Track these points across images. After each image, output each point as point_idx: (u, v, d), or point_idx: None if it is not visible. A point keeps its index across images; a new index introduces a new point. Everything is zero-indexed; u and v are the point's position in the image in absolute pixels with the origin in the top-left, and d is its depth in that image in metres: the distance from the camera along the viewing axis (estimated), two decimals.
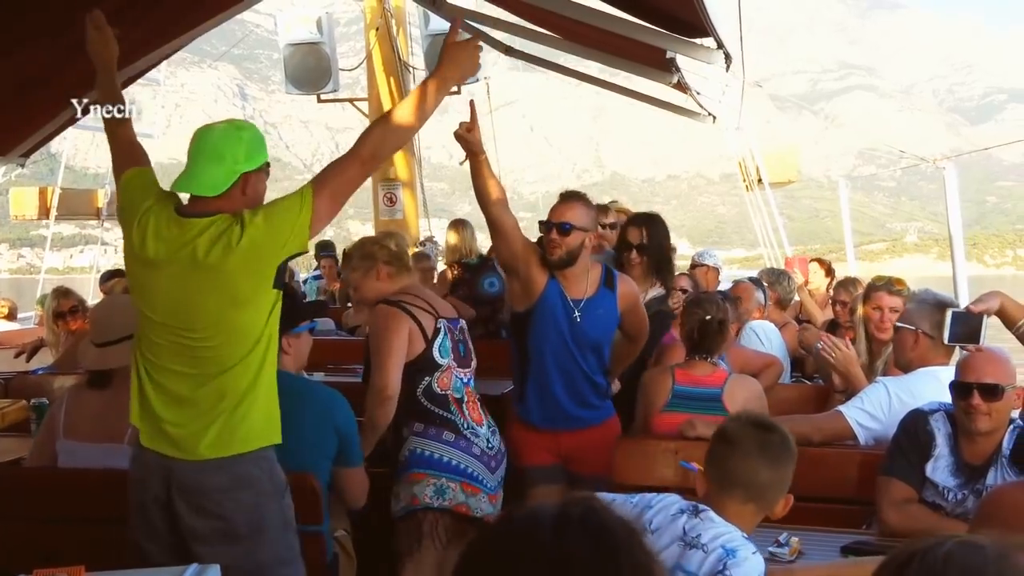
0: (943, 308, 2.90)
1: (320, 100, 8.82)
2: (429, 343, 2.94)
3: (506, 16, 6.04)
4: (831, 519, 2.71)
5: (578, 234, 3.10)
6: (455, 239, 5.84)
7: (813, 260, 6.90)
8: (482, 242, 5.74)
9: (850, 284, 4.91)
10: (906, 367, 3.02)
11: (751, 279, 4.81)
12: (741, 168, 9.48)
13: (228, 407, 2.14)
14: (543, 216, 3.17)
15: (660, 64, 5.22)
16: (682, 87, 6.15)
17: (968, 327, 2.83)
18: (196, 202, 2.19)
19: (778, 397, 3.69)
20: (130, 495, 2.24)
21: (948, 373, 2.69)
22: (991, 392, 2.46)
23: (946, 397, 2.60)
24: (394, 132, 2.33)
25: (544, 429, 3.18)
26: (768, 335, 4.35)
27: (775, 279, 5.11)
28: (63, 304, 4.99)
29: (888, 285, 3.61)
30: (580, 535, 0.91)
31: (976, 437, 2.52)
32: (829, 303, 5.64)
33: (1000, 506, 2.16)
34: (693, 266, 5.10)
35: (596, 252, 3.61)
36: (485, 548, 0.94)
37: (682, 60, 5.15)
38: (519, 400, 3.23)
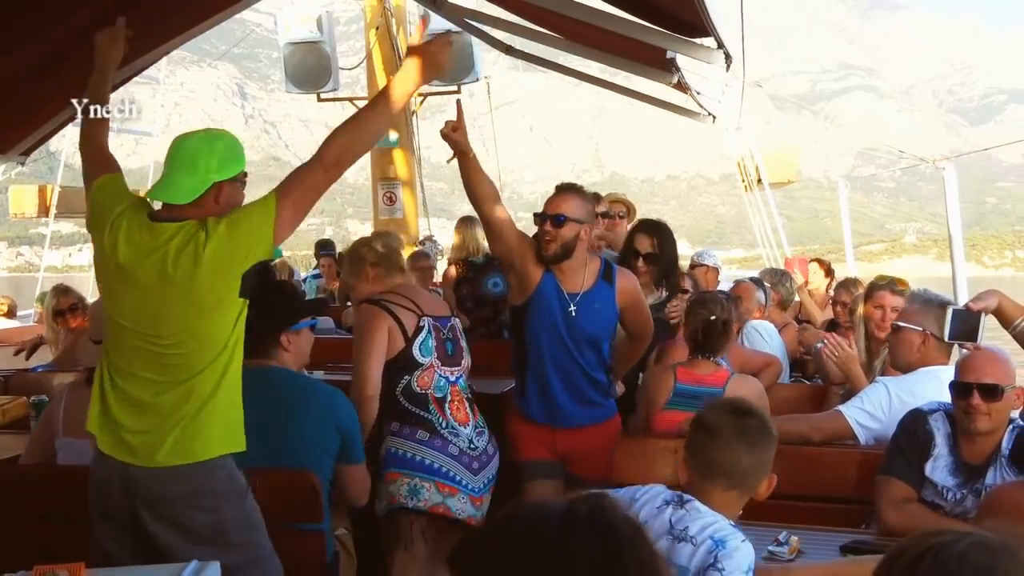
0: (945, 307, 2.92)
1: (320, 99, 8.81)
2: (409, 341, 2.93)
3: (506, 15, 6.01)
4: (830, 518, 2.71)
5: (573, 226, 3.03)
6: (461, 237, 5.73)
7: (813, 260, 6.92)
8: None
9: (851, 285, 4.91)
10: (907, 368, 3.01)
11: (752, 279, 4.81)
12: (740, 168, 9.48)
13: (189, 412, 2.13)
14: None
15: (660, 64, 5.21)
16: (682, 87, 6.14)
17: (967, 325, 2.84)
18: (169, 208, 2.19)
19: (778, 397, 3.69)
20: (91, 501, 2.22)
21: (948, 373, 2.69)
22: (991, 392, 2.45)
23: (946, 397, 2.60)
24: (359, 137, 2.27)
25: (543, 424, 3.15)
26: (768, 335, 4.36)
27: (777, 280, 5.11)
28: (63, 302, 5.00)
29: (891, 285, 3.63)
30: (586, 533, 0.91)
31: (975, 437, 2.51)
32: (829, 303, 5.65)
33: (1000, 506, 2.16)
34: (692, 266, 5.09)
35: (594, 252, 3.52)
36: (490, 545, 0.94)
37: (682, 60, 5.14)
38: (520, 395, 3.20)
